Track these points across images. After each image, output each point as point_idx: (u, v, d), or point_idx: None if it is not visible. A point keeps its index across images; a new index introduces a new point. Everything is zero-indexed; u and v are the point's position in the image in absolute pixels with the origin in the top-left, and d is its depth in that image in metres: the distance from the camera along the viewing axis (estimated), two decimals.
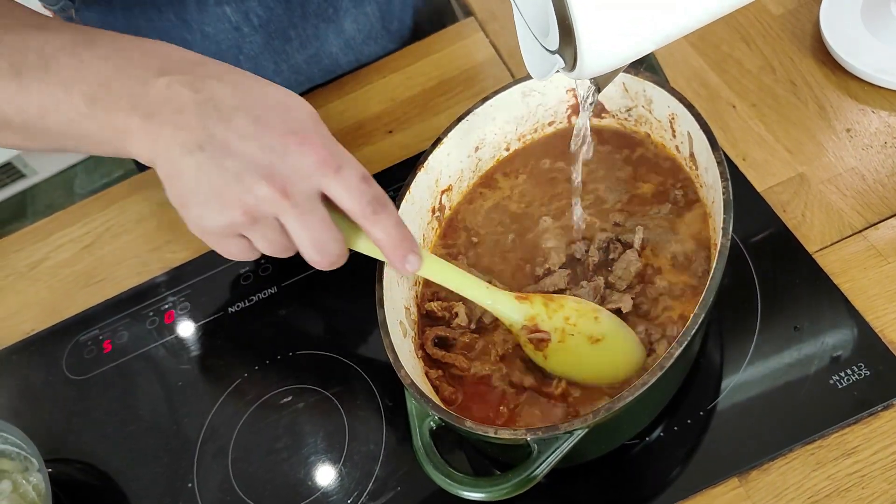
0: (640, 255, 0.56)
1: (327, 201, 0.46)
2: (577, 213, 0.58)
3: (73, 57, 0.46)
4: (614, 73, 0.46)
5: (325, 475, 0.61)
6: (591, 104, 0.50)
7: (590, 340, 0.53)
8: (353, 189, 0.45)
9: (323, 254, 0.47)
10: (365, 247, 0.50)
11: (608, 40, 0.38)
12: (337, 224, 0.47)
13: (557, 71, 0.43)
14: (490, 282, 0.56)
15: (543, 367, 0.54)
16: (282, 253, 0.47)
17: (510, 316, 0.54)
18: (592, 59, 0.39)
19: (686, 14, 0.39)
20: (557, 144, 0.64)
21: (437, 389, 0.55)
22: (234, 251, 0.48)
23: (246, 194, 0.44)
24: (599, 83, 0.48)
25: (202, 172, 0.44)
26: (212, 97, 0.44)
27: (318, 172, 0.44)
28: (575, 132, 0.54)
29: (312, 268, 0.47)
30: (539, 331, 0.53)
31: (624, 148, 0.62)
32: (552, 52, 0.42)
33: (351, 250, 0.49)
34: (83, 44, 0.47)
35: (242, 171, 0.43)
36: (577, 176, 0.57)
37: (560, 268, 0.58)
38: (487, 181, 0.65)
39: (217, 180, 0.44)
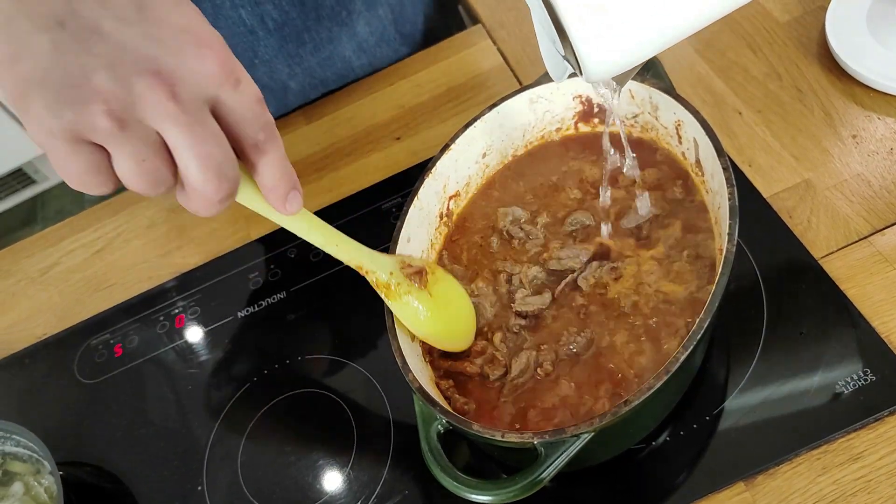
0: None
1: None
2: (605, 196, 0.58)
3: None
4: (629, 72, 0.45)
5: (334, 479, 0.61)
6: (614, 102, 0.50)
7: (444, 294, 0.55)
8: (247, 108, 0.38)
9: (219, 175, 0.37)
10: (241, 193, 0.41)
11: (605, 48, 0.38)
12: None
13: (572, 74, 0.43)
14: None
15: (409, 321, 0.54)
16: (149, 183, 0.36)
17: (383, 264, 0.52)
18: (594, 67, 0.39)
19: (682, 17, 0.38)
20: (564, 151, 0.65)
21: (448, 399, 0.55)
22: (82, 168, 0.35)
23: (119, 87, 0.34)
24: (618, 81, 0.47)
25: (59, 54, 0.33)
26: None
27: (215, 81, 0.36)
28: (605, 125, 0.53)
29: (321, 273, 0.46)
30: (415, 267, 0.54)
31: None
32: (563, 57, 0.42)
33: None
34: None
35: (118, 59, 0.34)
36: (609, 162, 0.57)
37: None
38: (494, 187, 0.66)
39: (79, 65, 0.33)
